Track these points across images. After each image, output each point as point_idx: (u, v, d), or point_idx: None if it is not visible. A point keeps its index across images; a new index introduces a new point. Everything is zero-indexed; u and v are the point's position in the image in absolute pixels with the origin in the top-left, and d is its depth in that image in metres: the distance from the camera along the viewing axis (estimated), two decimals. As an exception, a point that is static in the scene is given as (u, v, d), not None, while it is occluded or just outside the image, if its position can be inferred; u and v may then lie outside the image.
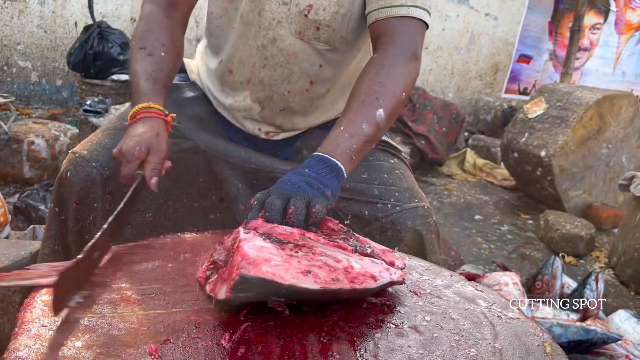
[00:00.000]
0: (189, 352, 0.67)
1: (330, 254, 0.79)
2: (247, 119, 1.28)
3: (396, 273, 0.83)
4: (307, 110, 1.27)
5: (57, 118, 3.95)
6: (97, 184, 1.14)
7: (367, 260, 0.82)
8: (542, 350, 0.76)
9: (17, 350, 0.63)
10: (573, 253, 2.89)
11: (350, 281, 0.76)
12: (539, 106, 3.59)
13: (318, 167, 0.91)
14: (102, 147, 1.17)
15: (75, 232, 1.17)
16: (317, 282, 0.73)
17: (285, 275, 0.71)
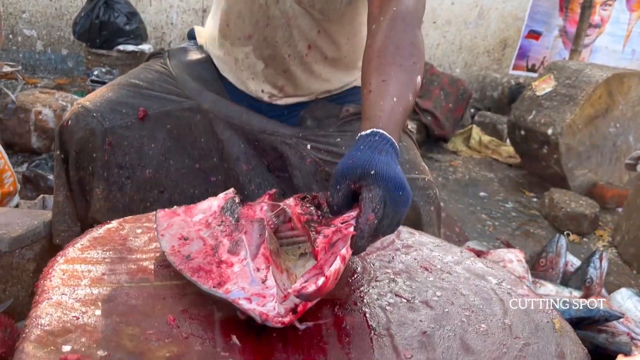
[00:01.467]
0: (206, 323, 0.69)
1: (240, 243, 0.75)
2: (251, 78, 1.27)
3: (268, 307, 0.66)
4: (307, 76, 1.26)
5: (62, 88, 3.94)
6: (97, 134, 1.17)
7: (264, 274, 0.71)
8: (552, 326, 0.77)
9: (38, 318, 0.65)
10: (577, 231, 2.90)
11: (212, 279, 0.71)
12: (548, 83, 3.56)
13: (390, 151, 0.81)
14: (105, 100, 1.20)
15: (76, 181, 1.20)
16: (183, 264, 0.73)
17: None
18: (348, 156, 0.79)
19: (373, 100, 0.89)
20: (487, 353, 0.69)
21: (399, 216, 0.78)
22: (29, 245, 1.26)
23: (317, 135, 1.22)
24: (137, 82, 1.24)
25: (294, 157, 1.21)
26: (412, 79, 0.94)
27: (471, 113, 5.08)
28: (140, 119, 1.19)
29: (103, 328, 0.64)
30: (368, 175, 0.75)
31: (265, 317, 0.65)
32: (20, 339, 0.61)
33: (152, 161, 1.21)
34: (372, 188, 0.74)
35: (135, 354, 0.61)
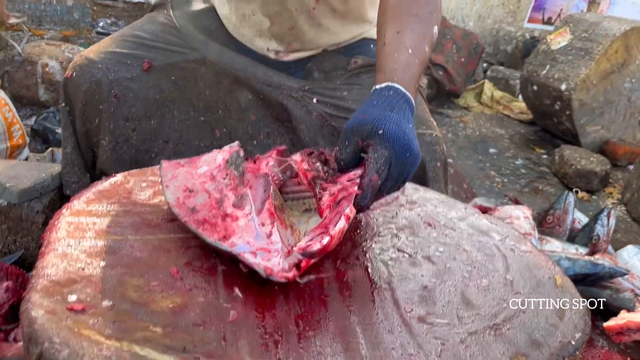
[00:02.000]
0: (209, 275, 0.70)
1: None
2: (257, 36, 1.25)
3: (273, 262, 0.67)
4: (314, 31, 1.23)
5: (69, 40, 3.90)
6: (103, 86, 1.17)
7: (269, 229, 0.72)
8: (553, 282, 0.78)
9: (45, 268, 0.66)
10: (586, 189, 2.88)
11: (218, 232, 0.71)
12: (563, 37, 3.47)
13: (404, 107, 0.79)
14: (110, 52, 1.19)
15: (83, 133, 1.21)
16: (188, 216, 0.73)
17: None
18: (360, 111, 0.78)
19: (388, 52, 0.87)
20: (487, 308, 0.70)
21: (405, 177, 0.78)
22: (37, 197, 1.27)
23: (323, 89, 1.21)
24: (141, 34, 1.22)
25: (299, 111, 1.19)
26: (429, 29, 0.92)
27: (484, 68, 4.98)
28: (145, 70, 1.18)
29: (108, 279, 0.66)
30: (376, 134, 0.74)
31: (270, 271, 0.65)
32: (27, 289, 0.63)
33: (157, 112, 1.21)
34: (378, 148, 0.74)
35: (140, 304, 0.62)
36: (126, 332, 0.58)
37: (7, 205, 1.25)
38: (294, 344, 0.59)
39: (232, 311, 0.63)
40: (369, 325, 0.64)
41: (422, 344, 0.62)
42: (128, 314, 0.60)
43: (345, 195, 0.74)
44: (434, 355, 0.61)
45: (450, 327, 0.66)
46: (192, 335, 0.59)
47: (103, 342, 0.55)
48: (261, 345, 0.59)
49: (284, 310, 0.65)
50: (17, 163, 1.36)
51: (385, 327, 0.64)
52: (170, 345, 0.57)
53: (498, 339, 0.64)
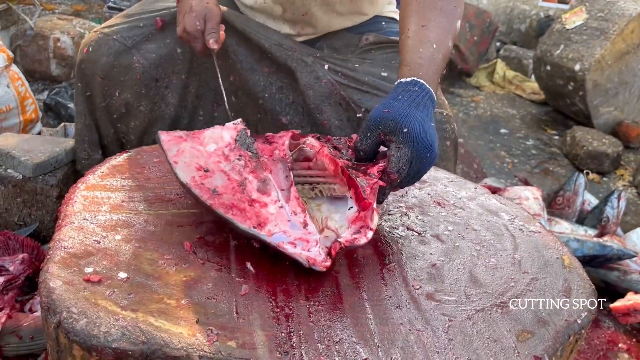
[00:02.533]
0: (221, 250, 0.71)
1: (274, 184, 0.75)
2: (268, 20, 1.24)
3: (314, 252, 0.68)
4: (328, 16, 1.22)
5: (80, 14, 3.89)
6: (123, 55, 1.17)
7: (302, 218, 0.72)
8: (561, 262, 0.78)
9: (62, 241, 0.67)
10: (597, 170, 2.87)
11: (245, 215, 0.71)
12: (579, 16, 3.41)
13: (428, 105, 0.80)
14: (121, 23, 1.20)
15: (103, 108, 1.21)
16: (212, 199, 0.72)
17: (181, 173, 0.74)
18: (385, 104, 0.78)
19: (412, 46, 0.87)
20: (494, 286, 0.71)
21: (422, 173, 0.79)
22: (51, 171, 1.29)
23: (335, 59, 1.20)
24: (151, 9, 1.22)
25: (308, 76, 1.17)
26: (452, 23, 0.92)
27: (496, 47, 4.92)
28: (159, 28, 1.18)
29: (123, 252, 0.67)
30: (401, 131, 0.75)
31: (313, 261, 0.66)
32: (45, 260, 0.64)
33: (185, 65, 1.22)
34: (402, 147, 0.75)
35: (154, 277, 0.64)
36: (141, 304, 0.59)
37: (22, 179, 1.26)
38: (304, 318, 0.61)
39: (244, 285, 0.65)
40: (377, 301, 0.66)
41: (430, 320, 0.63)
42: (143, 286, 0.62)
43: (375, 190, 0.75)
44: (442, 331, 0.62)
45: (457, 304, 0.67)
46: (205, 307, 0.60)
47: (119, 313, 0.57)
48: (272, 319, 0.60)
49: (294, 285, 0.66)
50: (32, 137, 1.38)
51: (393, 303, 0.65)
52: (184, 317, 0.58)
53: (505, 317, 0.65)
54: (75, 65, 1.21)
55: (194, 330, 0.57)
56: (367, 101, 1.14)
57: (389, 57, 1.20)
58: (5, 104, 1.89)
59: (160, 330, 0.56)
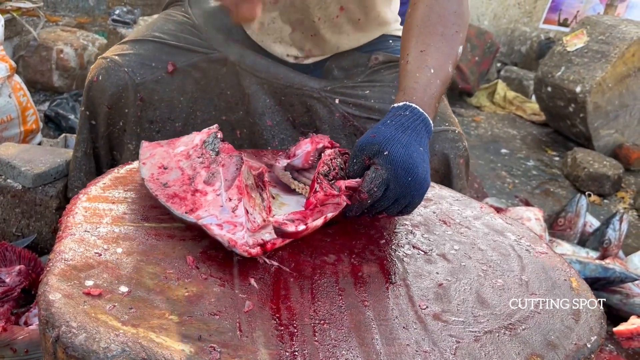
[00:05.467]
0: (224, 265, 0.70)
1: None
2: (277, 42, 1.24)
3: (237, 235, 0.70)
4: (336, 37, 1.23)
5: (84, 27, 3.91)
6: (129, 89, 1.16)
7: (235, 204, 0.74)
8: (569, 284, 0.77)
9: (62, 252, 0.66)
10: (598, 192, 2.86)
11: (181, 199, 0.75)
12: (580, 39, 3.44)
13: (419, 129, 0.80)
14: (133, 54, 1.18)
15: (105, 137, 1.20)
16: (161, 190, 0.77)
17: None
18: (373, 129, 0.79)
19: (409, 71, 0.87)
20: (502, 307, 0.70)
21: (408, 200, 0.78)
22: (51, 182, 1.28)
23: (345, 88, 1.20)
24: (162, 36, 1.21)
25: (322, 111, 1.19)
26: (453, 49, 0.92)
27: (497, 67, 4.95)
28: (169, 73, 1.18)
29: (124, 265, 0.66)
30: (381, 154, 0.76)
31: (234, 243, 0.68)
32: (44, 272, 0.63)
33: (182, 114, 1.20)
34: (379, 168, 0.76)
35: (156, 292, 0.62)
36: (142, 319, 0.58)
37: (21, 189, 1.25)
38: (309, 337, 0.59)
39: (248, 302, 0.63)
40: (384, 320, 0.64)
41: (437, 341, 0.62)
42: (144, 301, 0.60)
43: (333, 202, 0.77)
44: (449, 353, 0.60)
45: (465, 326, 0.65)
46: (208, 324, 0.59)
47: (119, 328, 0.55)
48: (276, 337, 0.59)
49: (299, 302, 0.65)
50: (32, 147, 1.37)
51: (400, 323, 0.64)
52: (186, 333, 0.57)
53: (513, 339, 0.64)
54: (84, 91, 1.19)
55: (196, 347, 0.55)
56: None
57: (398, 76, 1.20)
58: (7, 114, 1.89)
59: (162, 347, 0.54)
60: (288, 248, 0.75)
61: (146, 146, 0.89)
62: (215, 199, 0.74)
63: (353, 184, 0.78)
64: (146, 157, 0.86)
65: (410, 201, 0.78)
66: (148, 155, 0.86)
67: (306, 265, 0.72)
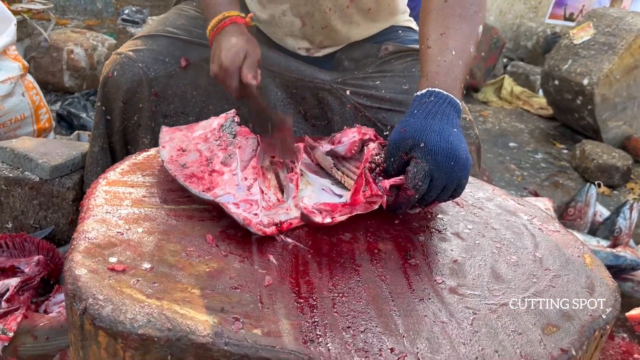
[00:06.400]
0: (243, 243, 0.71)
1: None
2: (288, 35, 1.25)
3: (252, 214, 0.73)
4: (347, 27, 1.24)
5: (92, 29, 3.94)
6: (144, 84, 1.17)
7: (250, 182, 0.77)
8: (582, 260, 0.78)
9: (85, 232, 0.68)
10: (607, 184, 2.86)
11: (201, 180, 0.78)
12: (586, 31, 3.43)
13: (448, 111, 0.78)
14: (146, 49, 1.19)
15: (120, 132, 1.21)
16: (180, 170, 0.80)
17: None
18: (402, 123, 0.78)
19: (431, 55, 0.86)
20: (517, 282, 0.71)
21: (456, 183, 0.76)
22: (68, 174, 1.29)
23: (356, 79, 1.21)
24: (175, 31, 1.22)
25: (333, 103, 1.20)
26: (474, 29, 0.91)
27: (503, 63, 4.95)
28: (182, 67, 1.19)
29: (146, 244, 0.67)
30: (418, 147, 0.74)
31: (249, 222, 0.70)
32: (69, 250, 0.64)
33: (195, 108, 1.21)
34: (419, 162, 0.74)
35: (178, 268, 0.64)
36: (166, 293, 0.59)
37: (38, 181, 1.27)
38: (328, 309, 0.61)
39: (268, 276, 0.64)
40: (400, 294, 0.65)
41: (454, 313, 0.63)
42: (167, 276, 0.62)
43: (371, 201, 0.77)
44: (466, 324, 0.61)
45: (481, 299, 0.66)
46: (230, 297, 0.60)
47: (144, 301, 0.57)
48: (297, 309, 0.60)
49: (317, 277, 0.66)
50: (48, 140, 1.39)
51: (416, 296, 0.65)
52: (209, 305, 0.58)
53: (529, 311, 0.65)
54: (99, 87, 1.20)
55: (219, 318, 0.56)
56: (392, 118, 1.16)
57: (408, 66, 1.21)
58: (20, 112, 1.91)
59: (186, 318, 0.55)
60: (305, 227, 0.77)
61: (166, 131, 0.91)
62: (231, 178, 0.76)
63: (397, 181, 0.76)
64: (166, 140, 0.88)
65: (458, 184, 0.77)
66: (168, 139, 0.88)
67: (323, 243, 0.74)
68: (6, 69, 1.87)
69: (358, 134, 0.89)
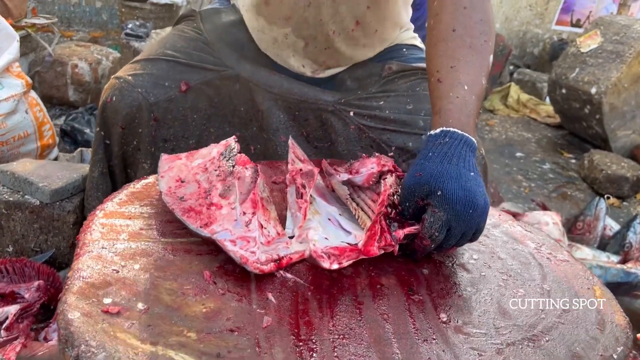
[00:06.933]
0: (241, 280, 0.69)
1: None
2: (290, 56, 1.24)
3: (249, 252, 0.70)
4: (351, 49, 1.22)
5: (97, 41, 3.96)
6: (143, 109, 1.16)
7: (249, 217, 0.75)
8: (592, 293, 0.76)
9: (80, 270, 0.66)
10: (617, 194, 2.82)
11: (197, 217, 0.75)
12: (594, 39, 3.40)
13: (464, 153, 0.75)
14: (146, 74, 1.17)
15: (120, 156, 1.20)
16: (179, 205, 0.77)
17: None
18: (416, 166, 0.75)
19: (442, 91, 0.82)
20: (524, 318, 0.68)
21: (474, 229, 0.74)
22: (68, 197, 1.28)
23: (359, 99, 1.19)
24: (175, 54, 1.20)
25: (337, 124, 1.18)
26: (484, 59, 0.87)
27: (510, 70, 4.92)
28: (182, 92, 1.18)
29: (142, 282, 0.66)
30: (435, 195, 0.72)
31: (245, 260, 0.68)
32: (63, 291, 0.63)
33: (195, 132, 1.20)
34: (436, 211, 0.71)
35: (174, 308, 0.62)
36: (161, 337, 0.57)
37: (39, 205, 1.26)
38: (328, 353, 0.59)
39: (266, 317, 0.63)
40: (403, 334, 0.63)
41: (459, 355, 0.61)
42: (162, 318, 0.60)
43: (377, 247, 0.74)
44: (472, 367, 0.59)
45: (487, 338, 0.64)
46: (226, 341, 0.58)
47: (138, 346, 0.55)
48: (296, 353, 0.58)
49: (317, 317, 0.64)
50: (49, 163, 1.38)
51: (420, 337, 0.63)
52: (205, 350, 0.56)
53: (537, 351, 0.63)
54: (98, 111, 1.19)
55: (215, 365, 0.54)
56: (396, 139, 1.14)
57: (412, 86, 1.19)
58: (24, 130, 1.91)
59: (181, 365, 0.54)
60: (305, 261, 0.75)
61: (165, 159, 0.89)
62: (229, 212, 0.74)
63: (412, 231, 0.74)
64: (165, 170, 0.86)
65: (477, 229, 0.74)
66: (167, 168, 0.87)
67: (324, 278, 0.72)
68: (9, 87, 1.87)
69: (377, 166, 0.85)
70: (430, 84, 0.87)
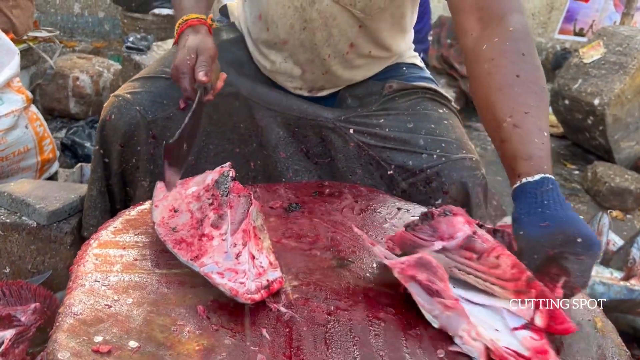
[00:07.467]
0: (236, 315, 0.68)
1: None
2: (288, 81, 1.25)
3: (238, 283, 0.68)
4: (348, 72, 1.22)
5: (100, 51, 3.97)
6: (141, 127, 1.16)
7: (239, 249, 0.73)
8: (592, 325, 0.74)
9: (72, 306, 0.65)
10: (620, 207, 2.80)
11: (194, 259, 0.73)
12: (597, 50, 3.39)
13: (561, 197, 0.75)
14: (144, 91, 1.18)
15: (119, 175, 1.20)
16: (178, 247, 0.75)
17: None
18: (537, 216, 0.72)
19: (524, 137, 0.82)
20: (524, 353, 0.67)
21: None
22: (66, 218, 1.28)
23: (359, 117, 1.19)
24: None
25: (336, 141, 1.18)
26: (547, 106, 0.89)
27: (513, 79, 4.91)
28: (181, 109, 1.17)
29: (134, 317, 0.65)
30: (574, 243, 0.70)
31: (235, 292, 0.67)
32: (54, 328, 0.62)
33: (194, 148, 1.19)
34: (583, 258, 0.70)
35: (166, 347, 0.61)
36: (152, 377, 0.56)
37: (36, 226, 1.26)
38: (323, 394, 0.57)
39: (260, 355, 0.61)
40: (400, 372, 0.62)
41: (457, 396, 0.59)
42: (154, 357, 0.59)
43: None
44: (470, 409, 0.58)
45: (485, 376, 0.63)
46: (219, 381, 0.57)
47: (128, 389, 0.54)
48: (289, 394, 0.57)
49: (312, 354, 0.63)
50: (46, 183, 1.37)
51: (417, 375, 0.62)
52: (196, 392, 0.55)
53: (536, 391, 0.61)
54: (97, 129, 1.19)
55: (206, 408, 0.53)
56: (396, 157, 1.14)
57: (413, 104, 1.19)
58: (24, 145, 1.91)
59: (171, 409, 0.53)
60: (299, 292, 0.74)
61: (160, 187, 0.88)
62: (220, 244, 0.74)
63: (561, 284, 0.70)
64: (159, 199, 0.85)
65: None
66: (161, 197, 0.86)
67: (320, 311, 0.71)
68: (9, 102, 1.86)
69: (469, 226, 0.78)
70: (504, 128, 0.84)
